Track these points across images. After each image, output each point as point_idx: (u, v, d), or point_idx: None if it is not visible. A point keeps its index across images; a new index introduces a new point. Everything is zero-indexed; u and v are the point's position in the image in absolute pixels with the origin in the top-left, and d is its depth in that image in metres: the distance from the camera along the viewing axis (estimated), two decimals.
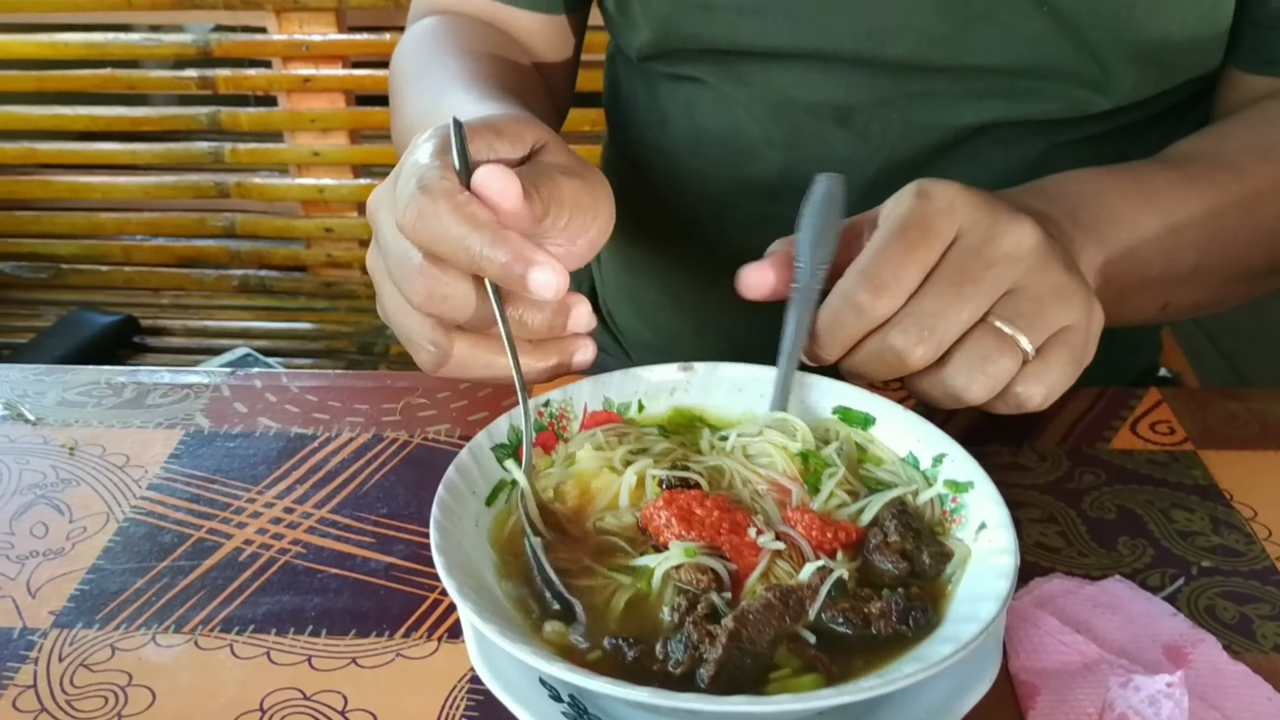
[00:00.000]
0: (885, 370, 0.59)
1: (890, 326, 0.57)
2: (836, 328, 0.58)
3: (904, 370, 0.58)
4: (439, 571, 0.48)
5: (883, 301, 0.57)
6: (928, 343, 0.56)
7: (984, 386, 0.57)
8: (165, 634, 0.59)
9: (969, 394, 0.58)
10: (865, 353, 0.59)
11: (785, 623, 0.48)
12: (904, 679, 0.44)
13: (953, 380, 0.58)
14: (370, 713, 0.54)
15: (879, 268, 0.57)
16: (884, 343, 0.57)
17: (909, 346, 0.56)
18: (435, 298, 0.55)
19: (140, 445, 0.74)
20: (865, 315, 0.57)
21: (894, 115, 0.84)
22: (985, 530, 0.53)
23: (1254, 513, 0.69)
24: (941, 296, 0.57)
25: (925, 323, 0.56)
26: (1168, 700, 0.49)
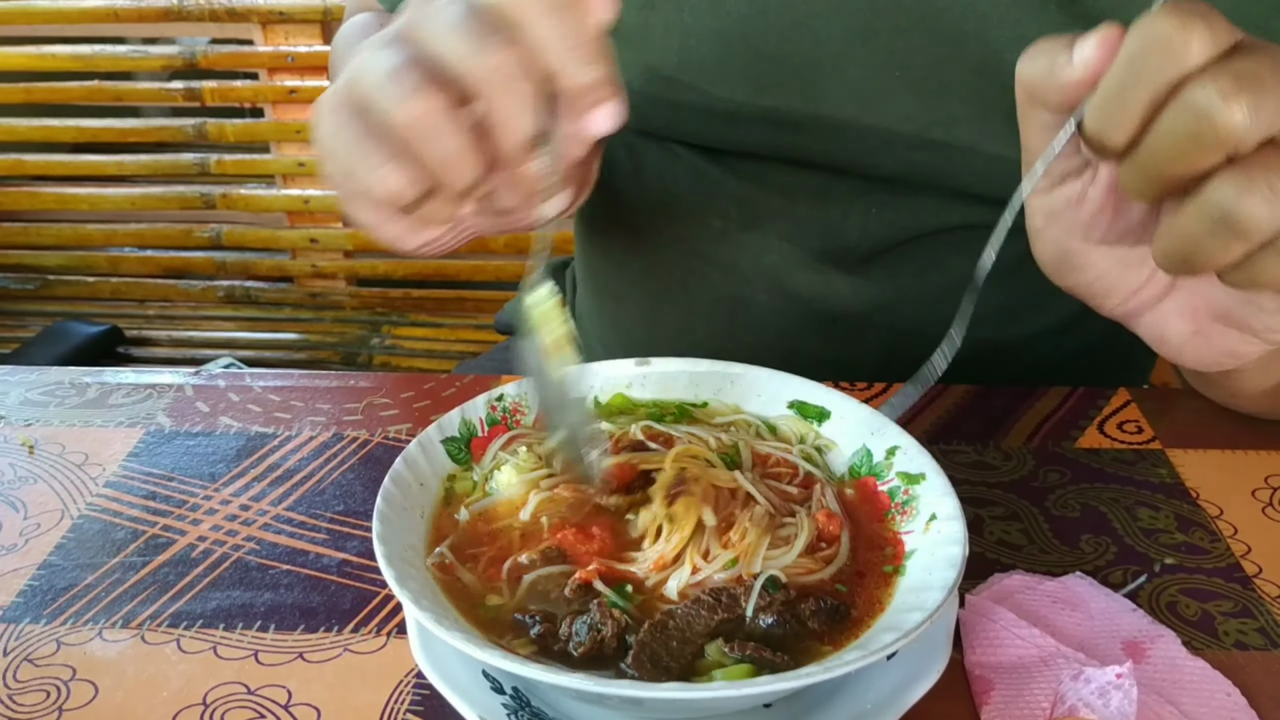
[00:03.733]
0: (1180, 150, 0.45)
1: (1199, 77, 0.44)
2: (1134, 78, 0.45)
3: (1206, 149, 0.44)
4: (379, 562, 0.48)
5: (1197, 35, 0.44)
6: (1244, 99, 0.43)
7: (1266, 203, 0.44)
8: (112, 629, 0.58)
9: (1243, 210, 0.44)
10: (1161, 124, 0.45)
11: (717, 614, 0.48)
12: (844, 666, 0.43)
13: (1221, 191, 0.44)
14: (314, 707, 0.53)
15: (1188, 4, 0.44)
16: (1186, 99, 0.44)
17: (1219, 100, 0.43)
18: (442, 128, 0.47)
19: (100, 444, 0.74)
20: (1175, 54, 0.44)
21: (873, 210, 0.83)
22: (935, 521, 0.52)
23: (1220, 511, 0.68)
24: (1259, 60, 0.44)
25: (1241, 77, 0.43)
26: (1117, 691, 0.49)
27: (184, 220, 2.09)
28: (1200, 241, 0.46)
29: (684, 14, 0.77)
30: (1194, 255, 0.46)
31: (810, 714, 0.50)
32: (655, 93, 0.81)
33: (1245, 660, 0.57)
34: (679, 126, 0.83)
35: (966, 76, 0.74)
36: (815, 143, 0.80)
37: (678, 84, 0.79)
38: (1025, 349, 0.91)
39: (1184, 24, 0.44)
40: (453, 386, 0.79)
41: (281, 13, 1.86)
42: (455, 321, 2.00)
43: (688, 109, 0.81)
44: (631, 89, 0.82)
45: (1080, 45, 0.47)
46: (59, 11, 1.91)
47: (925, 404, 0.78)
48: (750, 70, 0.77)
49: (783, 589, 0.50)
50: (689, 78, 0.79)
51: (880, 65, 0.75)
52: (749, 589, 0.49)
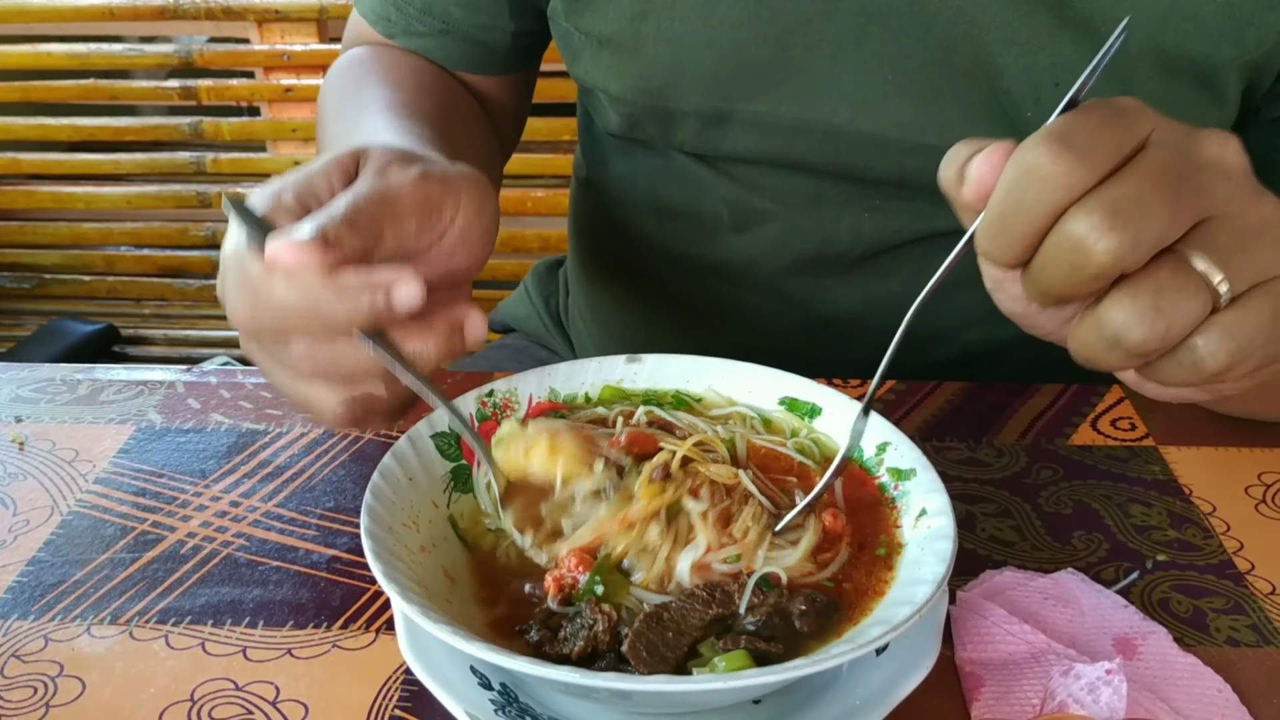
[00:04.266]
0: (1065, 278, 0.45)
1: (1075, 209, 0.44)
2: (1011, 208, 0.45)
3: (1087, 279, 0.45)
4: (367, 557, 0.48)
5: (1069, 168, 0.44)
6: (1119, 231, 0.43)
7: (1153, 327, 0.44)
8: (100, 625, 0.58)
9: (1130, 335, 0.45)
10: (1044, 252, 0.46)
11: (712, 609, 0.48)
12: (832, 659, 0.43)
13: (1111, 314, 0.45)
14: (302, 703, 0.53)
15: (1065, 130, 0.45)
16: (1063, 231, 0.44)
17: (1094, 234, 0.43)
18: (320, 367, 0.51)
19: (90, 440, 0.74)
20: (1048, 186, 0.44)
21: (866, 215, 0.83)
22: (925, 516, 0.52)
23: (1213, 507, 0.68)
24: (1140, 183, 0.44)
25: (1118, 207, 0.43)
26: (1106, 687, 0.49)
27: (180, 219, 2.08)
28: (1098, 355, 0.46)
29: (676, 22, 0.77)
30: (1096, 363, 0.47)
31: (800, 709, 0.49)
32: (648, 100, 0.81)
33: (1236, 656, 0.57)
34: (672, 133, 0.83)
35: (958, 81, 0.74)
36: (808, 148, 0.79)
37: (671, 92, 0.79)
38: (1017, 351, 0.91)
39: (1056, 156, 0.44)
40: (444, 383, 0.79)
41: (278, 11, 1.86)
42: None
43: (681, 116, 0.81)
44: (625, 97, 0.82)
45: (971, 162, 0.48)
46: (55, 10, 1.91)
47: (918, 401, 0.78)
48: (742, 77, 0.77)
49: (776, 588, 0.50)
50: (682, 85, 0.79)
51: (872, 70, 0.75)
52: (743, 586, 0.49)
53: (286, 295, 0.49)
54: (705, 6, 0.76)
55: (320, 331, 0.50)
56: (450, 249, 0.54)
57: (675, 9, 0.76)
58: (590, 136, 0.99)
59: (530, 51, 0.93)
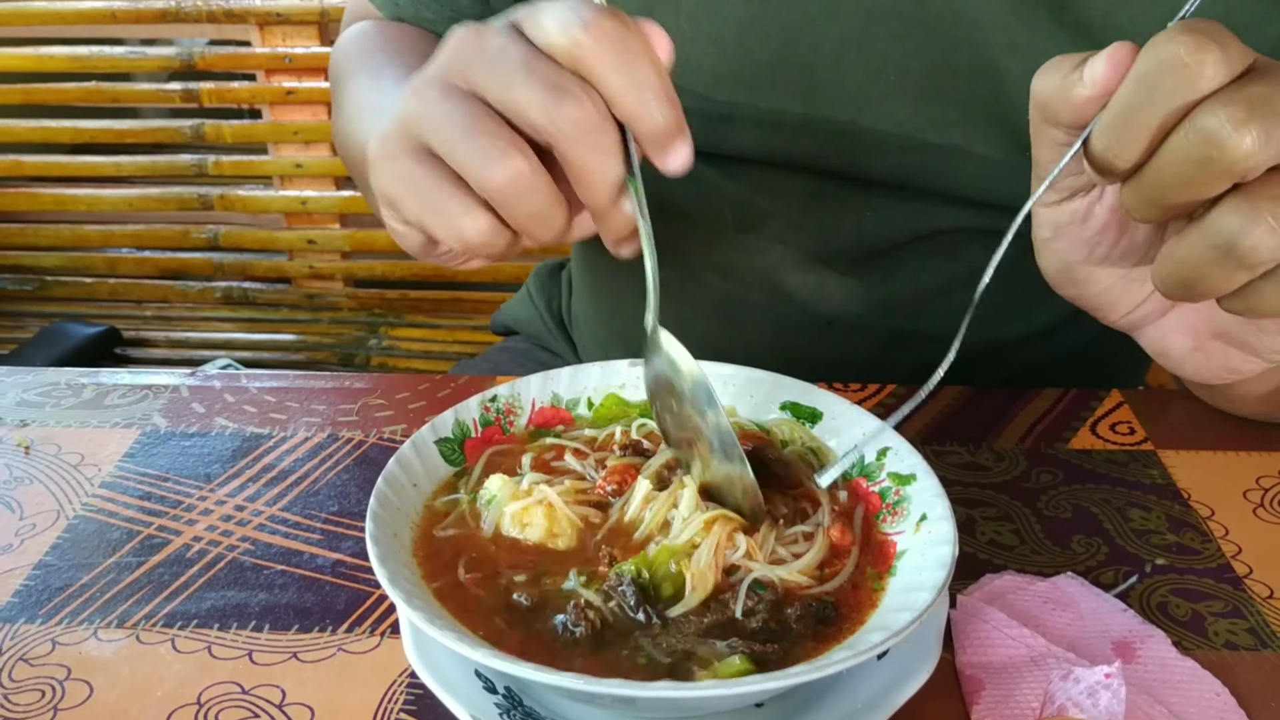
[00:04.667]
0: (1188, 177, 0.44)
1: (1210, 102, 0.43)
2: (1144, 100, 0.44)
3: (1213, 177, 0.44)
4: (372, 562, 0.48)
5: (1210, 59, 0.42)
6: (1255, 125, 0.42)
7: (1268, 234, 0.43)
8: (107, 629, 0.59)
9: (1246, 239, 0.43)
10: (1169, 148, 0.44)
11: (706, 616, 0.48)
12: (833, 666, 0.43)
13: (1225, 219, 0.44)
14: (308, 707, 0.54)
15: (1202, 26, 0.43)
16: (1195, 124, 0.43)
17: (1230, 125, 0.42)
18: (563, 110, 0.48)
19: (95, 444, 0.74)
20: (1187, 76, 0.43)
21: (867, 213, 0.83)
22: (926, 522, 0.52)
23: (1211, 511, 0.68)
24: (1271, 84, 0.43)
25: (1254, 102, 0.42)
26: (1106, 691, 0.49)
27: (181, 221, 2.09)
28: (1202, 269, 0.45)
29: (680, 19, 0.77)
30: (1195, 282, 0.46)
31: (801, 713, 0.50)
32: None
33: (1235, 660, 0.57)
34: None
35: (960, 82, 0.75)
36: (811, 146, 0.80)
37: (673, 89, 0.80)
38: (1019, 350, 0.92)
39: (1198, 46, 0.43)
40: (448, 387, 0.80)
41: (279, 14, 1.86)
42: (452, 323, 2.01)
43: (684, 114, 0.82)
44: None
45: (1091, 62, 0.46)
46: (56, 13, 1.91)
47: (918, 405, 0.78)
48: (746, 75, 0.78)
49: (769, 589, 0.50)
50: (685, 83, 0.79)
51: (875, 70, 0.76)
52: (735, 591, 0.50)
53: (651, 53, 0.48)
54: (709, 5, 0.76)
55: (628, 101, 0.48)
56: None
57: (679, 7, 0.76)
58: None
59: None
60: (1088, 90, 0.47)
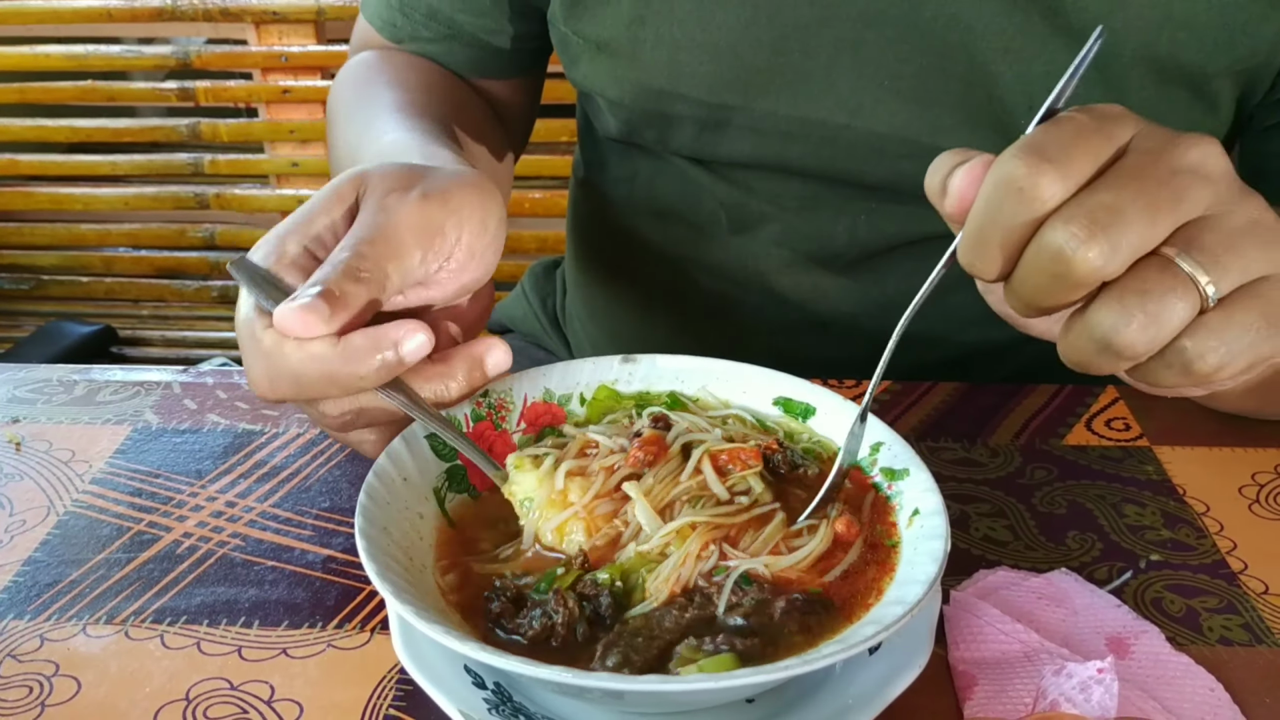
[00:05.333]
0: (1046, 289, 0.46)
1: (1052, 219, 0.45)
2: (990, 221, 0.46)
3: (1069, 288, 0.45)
4: (361, 556, 0.48)
5: (1045, 179, 0.44)
6: (1098, 240, 0.43)
7: (1142, 330, 0.44)
8: (96, 625, 0.58)
9: (1119, 338, 0.44)
10: (1024, 263, 0.46)
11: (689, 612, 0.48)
12: (824, 659, 0.43)
13: (1099, 318, 0.45)
14: (297, 703, 0.53)
15: (1041, 141, 0.45)
16: (1041, 242, 0.45)
17: (1072, 243, 0.43)
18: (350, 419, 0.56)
19: (87, 441, 0.74)
20: (1025, 199, 0.44)
21: (861, 217, 0.83)
22: (918, 516, 0.52)
23: (1206, 507, 0.68)
24: (1119, 190, 0.44)
25: (1096, 215, 0.44)
26: (1098, 686, 0.49)
27: (178, 220, 2.08)
28: (1089, 359, 0.46)
29: (674, 28, 0.77)
30: (1087, 367, 0.47)
31: (792, 708, 0.50)
32: (646, 105, 0.81)
33: (1229, 656, 0.57)
34: (670, 137, 0.83)
35: (953, 87, 0.75)
36: (804, 151, 0.80)
37: (668, 96, 0.80)
38: (1011, 351, 0.91)
39: (1033, 168, 0.44)
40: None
41: (275, 13, 1.86)
42: None
43: (678, 121, 0.82)
44: (623, 102, 0.82)
45: (952, 176, 0.48)
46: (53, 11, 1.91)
47: (913, 401, 0.78)
48: (740, 82, 0.78)
49: (755, 585, 0.50)
50: (679, 90, 0.79)
51: (868, 76, 0.76)
52: (721, 587, 0.49)
53: (300, 363, 0.51)
54: (702, 12, 0.76)
55: (339, 393, 0.53)
56: (460, 266, 0.56)
57: (673, 14, 0.76)
58: (589, 139, 0.99)
59: (536, 55, 0.93)
60: (950, 205, 0.49)
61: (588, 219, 1.01)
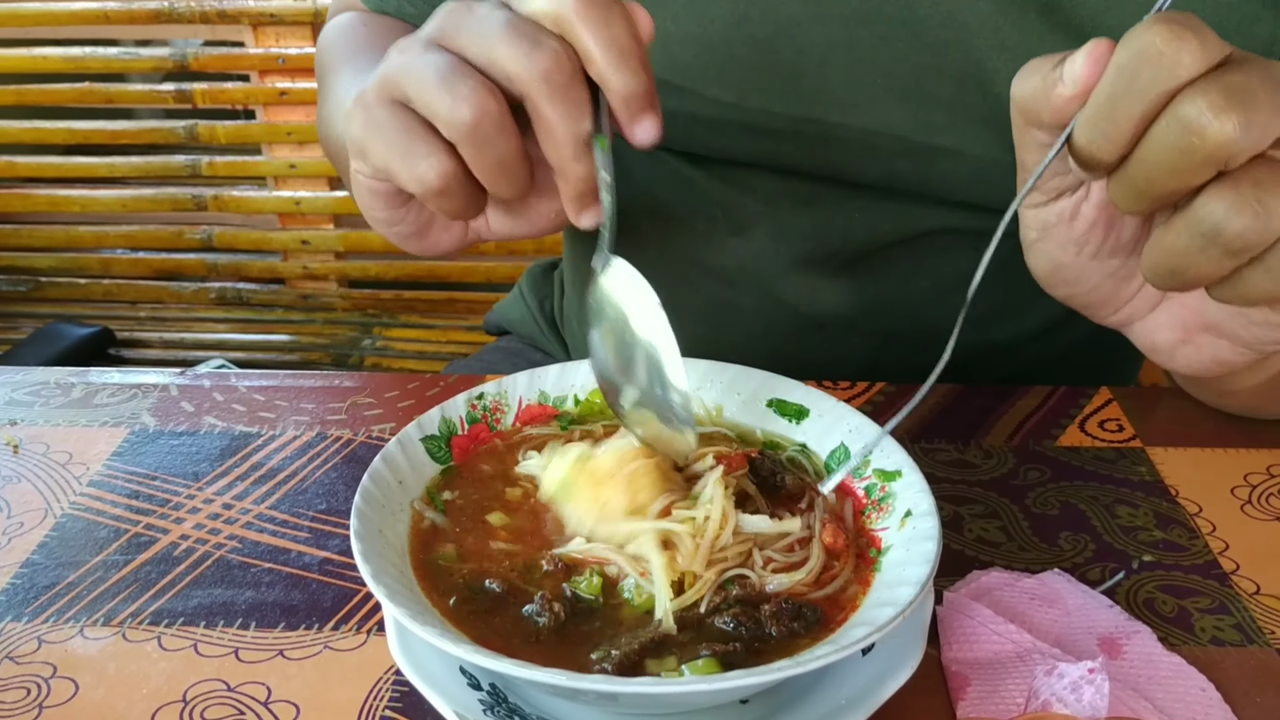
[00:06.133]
0: (1172, 165, 0.44)
1: (1189, 90, 0.44)
2: (1125, 90, 0.44)
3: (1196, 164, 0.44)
4: (357, 558, 0.48)
5: (1188, 48, 0.43)
6: (1235, 112, 0.43)
7: (1254, 219, 0.44)
8: (93, 627, 0.58)
9: (1231, 225, 0.44)
10: (1151, 138, 0.45)
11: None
12: (817, 660, 0.43)
13: (1211, 206, 0.44)
14: (294, 704, 0.54)
15: (1178, 16, 0.44)
16: (1176, 112, 0.44)
17: (1210, 112, 0.43)
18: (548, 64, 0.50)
19: (84, 443, 0.74)
20: (1165, 64, 0.43)
21: (856, 215, 0.83)
22: (910, 518, 0.52)
23: (1199, 508, 0.68)
24: (1249, 74, 0.44)
25: (1232, 90, 0.43)
26: (1089, 686, 0.49)
27: (175, 222, 2.09)
28: (1189, 257, 0.45)
29: (666, 22, 0.77)
30: (1183, 271, 0.46)
31: (786, 709, 0.50)
32: None
33: (1221, 656, 0.57)
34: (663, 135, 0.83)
35: (948, 84, 0.75)
36: (799, 150, 0.80)
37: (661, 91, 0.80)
38: (1011, 351, 0.92)
39: (1175, 35, 0.43)
40: (437, 386, 0.80)
41: (272, 15, 1.86)
42: (446, 323, 2.01)
43: (671, 116, 0.81)
44: None
45: (1070, 60, 0.47)
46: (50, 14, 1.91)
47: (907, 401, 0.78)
48: (733, 78, 0.78)
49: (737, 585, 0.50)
50: (672, 85, 0.79)
51: (863, 73, 0.76)
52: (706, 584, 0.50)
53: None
54: (696, 7, 0.76)
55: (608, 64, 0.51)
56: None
57: (666, 9, 0.76)
58: None
59: None
60: (1068, 89, 0.47)
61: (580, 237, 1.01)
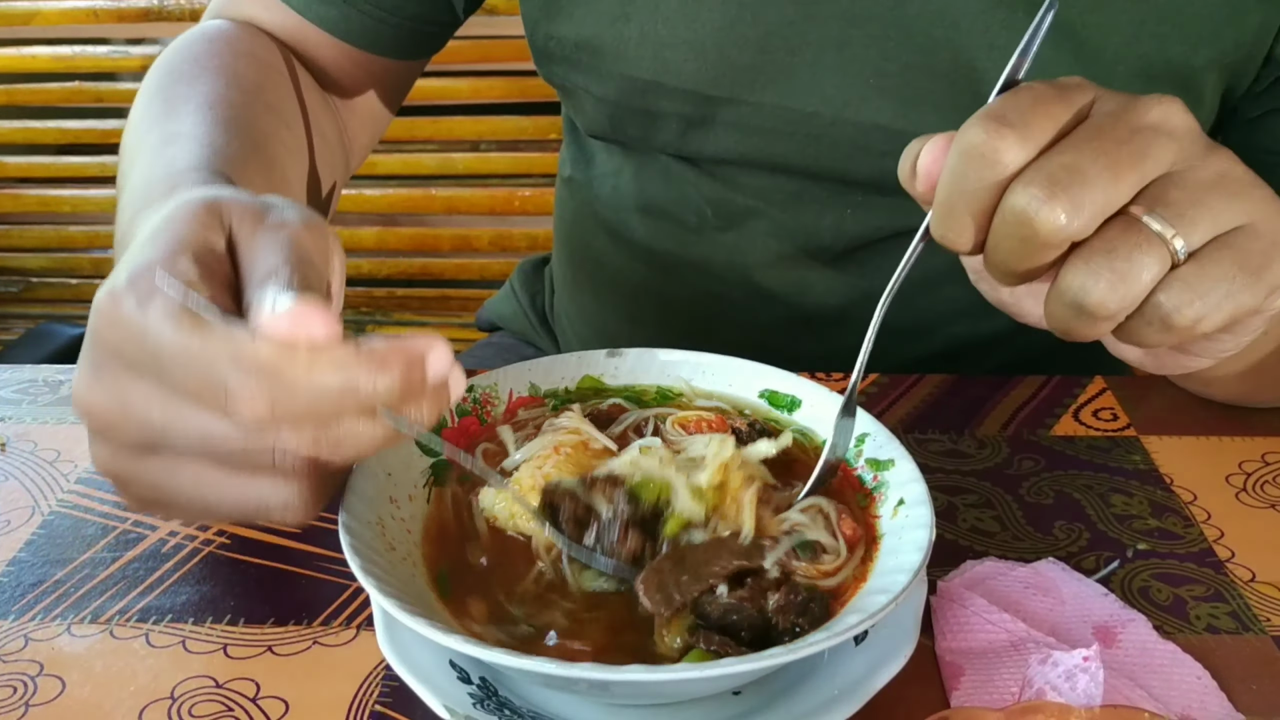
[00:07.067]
0: (1017, 253, 0.46)
1: (1015, 183, 0.45)
2: (956, 190, 0.46)
3: (1037, 250, 0.45)
4: (345, 552, 0.48)
5: (1005, 143, 0.45)
6: (1059, 199, 0.44)
7: (1111, 288, 0.44)
8: (80, 624, 0.58)
9: (1090, 297, 0.45)
10: (994, 230, 0.46)
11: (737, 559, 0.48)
12: (809, 647, 0.43)
13: (1069, 280, 0.45)
14: (283, 700, 0.53)
15: (1000, 108, 0.46)
16: (1005, 206, 0.45)
17: (1034, 204, 0.44)
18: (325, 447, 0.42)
19: (72, 441, 0.74)
20: (987, 163, 0.45)
21: (847, 211, 0.83)
22: (903, 506, 0.52)
23: (1193, 496, 0.68)
24: (1079, 150, 0.45)
25: (1057, 175, 0.44)
26: (1083, 674, 0.49)
27: None
28: (1069, 324, 0.47)
29: (658, 24, 0.77)
30: (1070, 333, 0.47)
31: (779, 699, 0.49)
32: (630, 102, 0.81)
33: (1216, 644, 0.57)
34: (654, 134, 0.83)
35: (939, 84, 0.75)
36: (789, 149, 0.80)
37: (653, 93, 0.79)
38: (1001, 344, 0.92)
39: (993, 132, 0.45)
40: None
41: None
42: (439, 320, 2.00)
43: (663, 118, 0.81)
44: (607, 99, 0.82)
45: (920, 155, 0.49)
46: (38, 13, 1.90)
47: (900, 394, 0.78)
48: (725, 79, 0.78)
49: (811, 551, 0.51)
50: (664, 87, 0.79)
51: (854, 73, 0.76)
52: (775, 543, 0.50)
53: (320, 375, 0.40)
54: (687, 9, 0.76)
55: (354, 411, 0.41)
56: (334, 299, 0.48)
57: (657, 11, 0.76)
58: (574, 135, 0.99)
59: (430, 41, 0.90)
60: (920, 185, 0.49)
61: (574, 216, 1.00)
